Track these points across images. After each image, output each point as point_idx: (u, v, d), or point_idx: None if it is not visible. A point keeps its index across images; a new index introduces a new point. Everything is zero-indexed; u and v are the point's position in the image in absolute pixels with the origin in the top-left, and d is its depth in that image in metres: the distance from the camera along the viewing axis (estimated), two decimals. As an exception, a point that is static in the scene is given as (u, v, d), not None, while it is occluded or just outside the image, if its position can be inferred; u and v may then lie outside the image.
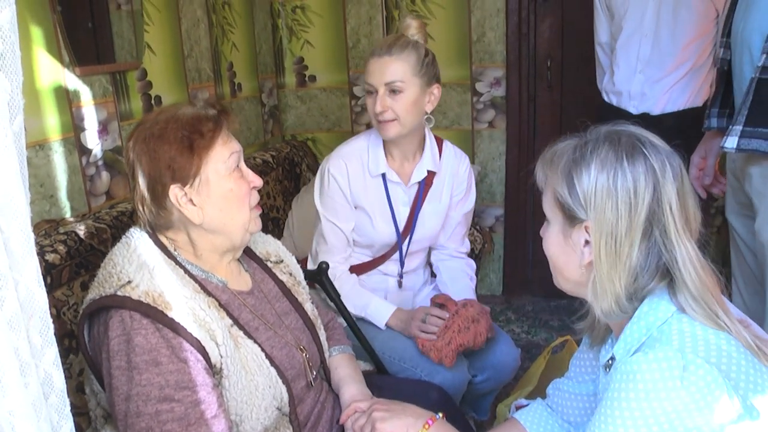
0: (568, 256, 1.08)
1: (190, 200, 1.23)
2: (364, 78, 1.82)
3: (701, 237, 1.04)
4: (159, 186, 1.22)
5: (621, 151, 1.00)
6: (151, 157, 1.21)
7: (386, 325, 1.84)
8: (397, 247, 1.93)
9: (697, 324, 0.97)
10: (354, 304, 1.84)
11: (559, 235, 1.08)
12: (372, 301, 1.86)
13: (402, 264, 1.97)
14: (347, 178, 1.85)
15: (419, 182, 1.92)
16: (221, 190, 1.25)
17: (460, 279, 2.02)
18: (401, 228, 1.91)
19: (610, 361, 1.08)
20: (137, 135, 1.24)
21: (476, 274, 2.16)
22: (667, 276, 1.01)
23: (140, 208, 1.25)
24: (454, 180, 1.98)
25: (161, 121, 1.23)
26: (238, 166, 1.29)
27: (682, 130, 2.22)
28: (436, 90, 1.82)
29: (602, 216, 1.00)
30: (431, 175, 1.92)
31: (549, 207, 1.10)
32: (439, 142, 1.98)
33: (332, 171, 1.85)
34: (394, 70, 1.74)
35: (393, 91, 1.75)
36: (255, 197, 1.34)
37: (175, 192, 1.22)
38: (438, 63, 1.84)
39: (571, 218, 1.05)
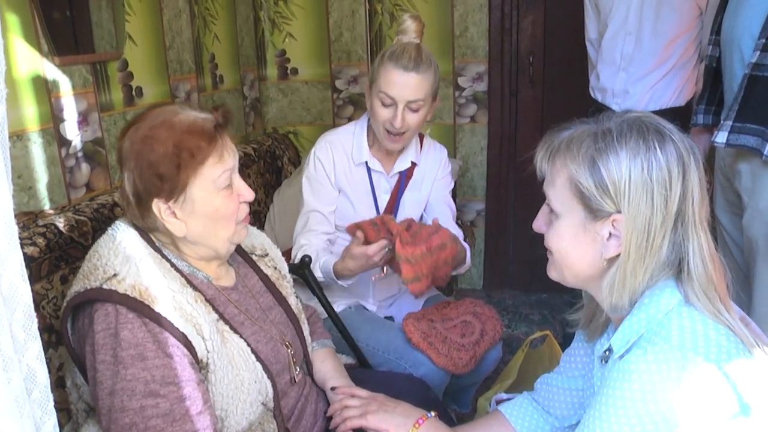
0: (585, 250, 1.01)
1: (173, 213, 1.20)
2: (379, 85, 1.76)
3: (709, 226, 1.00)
4: (144, 194, 1.18)
5: (651, 139, 0.94)
6: (137, 163, 1.17)
7: (334, 271, 1.76)
8: None
9: (698, 318, 0.94)
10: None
11: (576, 228, 1.01)
12: (322, 258, 1.83)
13: None
14: (332, 162, 1.91)
15: (401, 172, 1.98)
16: (207, 208, 1.21)
17: None
18: (382, 213, 1.96)
19: (606, 353, 1.05)
20: (131, 133, 1.19)
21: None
22: (677, 267, 0.98)
23: (126, 207, 1.22)
24: (436, 170, 2.04)
25: (156, 125, 1.17)
26: (229, 183, 1.24)
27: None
28: (437, 102, 1.87)
29: (636, 209, 0.94)
30: (412, 166, 2.00)
31: (562, 199, 1.02)
32: (420, 136, 2.04)
33: (318, 154, 1.92)
34: (419, 90, 1.75)
35: (410, 108, 1.77)
36: (243, 211, 1.29)
37: (158, 204, 1.18)
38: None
39: (595, 211, 0.98)
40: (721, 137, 1.66)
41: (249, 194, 1.27)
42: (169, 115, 1.19)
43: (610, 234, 0.98)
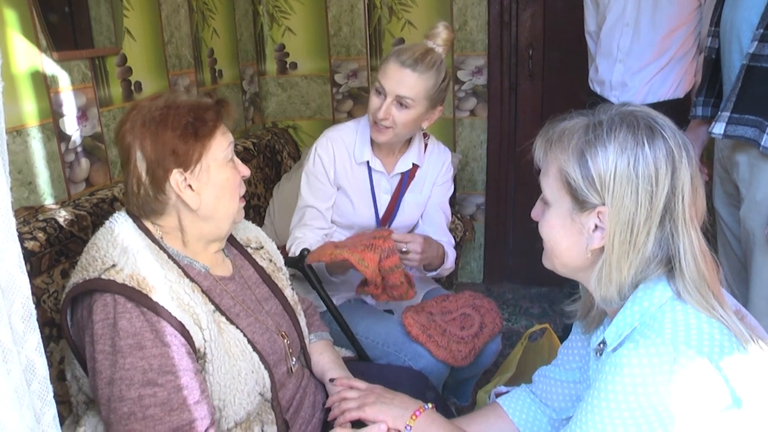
0: (573, 241, 1.02)
1: (189, 185, 1.25)
2: (378, 75, 1.79)
3: (703, 224, 0.99)
4: (160, 170, 1.22)
5: (640, 134, 0.94)
6: (153, 141, 1.21)
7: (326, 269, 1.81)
8: None
9: (691, 312, 0.93)
10: None
11: (564, 219, 1.02)
12: None
13: None
14: (333, 159, 1.91)
15: (402, 173, 1.96)
16: (219, 178, 1.28)
17: None
18: (381, 214, 1.96)
19: (601, 346, 1.05)
20: (134, 119, 1.24)
21: (457, 263, 2.17)
22: (669, 264, 0.98)
23: (135, 190, 1.25)
24: (438, 173, 2.02)
25: (161, 107, 1.23)
26: (231, 157, 1.32)
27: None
28: (438, 112, 1.85)
29: (620, 203, 0.94)
30: (415, 167, 1.97)
31: (552, 189, 1.03)
32: (425, 137, 2.02)
33: (319, 151, 1.91)
34: (410, 87, 1.74)
35: (400, 103, 1.76)
36: (243, 188, 1.36)
37: (176, 177, 1.23)
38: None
39: (582, 202, 0.99)
40: (718, 128, 1.66)
41: (245, 170, 1.36)
42: (171, 99, 1.26)
43: (596, 226, 0.99)
